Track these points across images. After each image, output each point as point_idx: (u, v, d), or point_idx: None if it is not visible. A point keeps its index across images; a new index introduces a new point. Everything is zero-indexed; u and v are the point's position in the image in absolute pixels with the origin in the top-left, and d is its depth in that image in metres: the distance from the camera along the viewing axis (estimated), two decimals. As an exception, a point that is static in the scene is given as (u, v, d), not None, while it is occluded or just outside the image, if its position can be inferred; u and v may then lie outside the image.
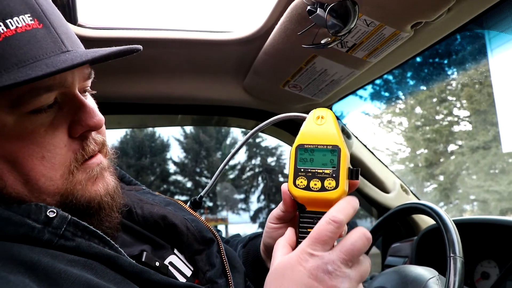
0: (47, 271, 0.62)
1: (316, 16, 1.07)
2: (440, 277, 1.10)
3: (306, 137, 0.77)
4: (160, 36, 1.46)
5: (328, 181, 0.73)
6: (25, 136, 0.69)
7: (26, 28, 0.66)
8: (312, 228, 0.71)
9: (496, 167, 17.31)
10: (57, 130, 0.72)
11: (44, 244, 0.66)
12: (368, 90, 16.29)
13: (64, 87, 0.72)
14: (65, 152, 0.73)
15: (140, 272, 0.73)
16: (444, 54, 15.25)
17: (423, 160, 19.48)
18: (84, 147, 0.76)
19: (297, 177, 0.75)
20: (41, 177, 0.71)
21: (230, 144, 24.68)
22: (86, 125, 0.74)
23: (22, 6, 0.67)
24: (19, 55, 0.65)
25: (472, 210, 18.09)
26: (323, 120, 0.77)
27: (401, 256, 1.88)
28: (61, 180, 0.73)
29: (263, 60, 1.50)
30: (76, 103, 0.75)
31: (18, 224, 0.66)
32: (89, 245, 0.70)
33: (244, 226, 24.53)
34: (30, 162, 0.69)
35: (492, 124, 16.30)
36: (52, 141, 0.71)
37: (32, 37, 0.66)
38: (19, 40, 0.65)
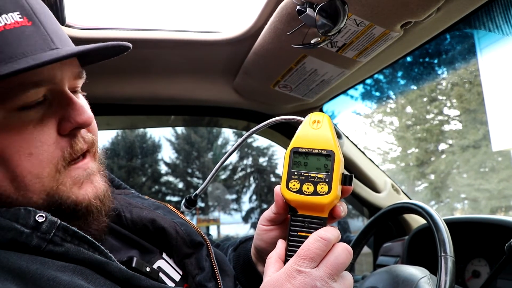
0: (35, 279, 0.61)
1: (306, 16, 1.06)
2: (431, 276, 1.10)
3: (301, 140, 0.76)
4: (149, 36, 1.45)
5: (320, 186, 0.73)
6: (13, 132, 0.69)
7: (15, 25, 0.67)
8: (303, 231, 0.73)
9: (486, 166, 17.45)
10: (45, 126, 0.72)
11: (32, 250, 0.66)
12: (359, 89, 16.34)
13: (53, 83, 0.72)
14: (53, 149, 0.72)
15: (130, 278, 0.72)
16: (434, 54, 15.34)
17: (414, 159, 19.59)
18: (73, 145, 0.75)
19: (290, 180, 0.75)
20: (28, 174, 0.70)
21: (221, 144, 24.66)
22: (75, 122, 0.74)
23: (11, 5, 0.68)
24: (7, 51, 0.65)
25: (463, 209, 18.21)
26: (319, 125, 0.76)
27: (393, 256, 1.88)
28: (47, 178, 0.72)
29: (253, 60, 1.50)
30: (65, 100, 0.74)
31: (5, 228, 0.65)
32: (78, 251, 0.69)
33: (236, 227, 24.51)
34: (17, 158, 0.69)
35: (482, 123, 16.43)
36: (40, 137, 0.71)
37: (21, 33, 0.67)
38: (7, 36, 0.66)
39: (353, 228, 2.47)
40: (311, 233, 0.72)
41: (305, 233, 0.74)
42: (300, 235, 0.74)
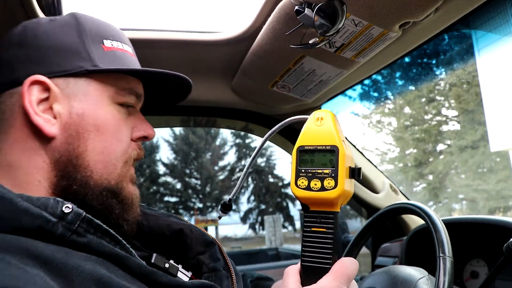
0: (60, 267, 0.65)
1: (304, 16, 1.06)
2: (429, 277, 1.10)
3: (306, 138, 0.78)
4: (147, 36, 1.44)
5: (327, 181, 0.74)
6: (115, 119, 0.88)
7: (130, 53, 0.96)
8: (316, 227, 0.75)
9: (484, 166, 17.49)
10: (127, 127, 0.91)
11: (57, 239, 0.70)
12: (357, 90, 16.37)
13: (139, 100, 0.96)
14: (128, 145, 0.91)
15: (148, 273, 0.78)
16: (432, 54, 15.38)
17: (412, 160, 19.64)
18: (140, 150, 0.94)
19: (298, 178, 0.76)
20: (113, 153, 0.87)
21: (219, 145, 24.67)
22: (146, 133, 0.94)
23: (127, 41, 0.98)
24: (130, 64, 0.93)
25: (461, 209, 18.26)
26: (322, 121, 0.78)
27: (391, 256, 1.88)
28: (120, 164, 0.88)
29: (251, 61, 1.50)
30: (139, 115, 0.96)
31: (34, 216, 0.70)
32: (100, 243, 0.74)
33: (234, 227, 24.54)
34: (111, 138, 0.87)
35: (480, 124, 16.47)
36: (125, 131, 0.90)
37: (133, 59, 0.96)
38: (128, 56, 0.94)
39: (351, 228, 2.47)
40: (324, 227, 0.75)
41: (318, 228, 0.75)
42: (313, 231, 0.75)
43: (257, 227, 24.32)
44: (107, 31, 0.92)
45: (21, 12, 1.19)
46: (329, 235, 0.74)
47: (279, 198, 24.50)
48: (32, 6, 1.17)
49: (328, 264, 0.73)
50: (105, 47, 0.89)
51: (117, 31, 0.95)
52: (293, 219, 24.10)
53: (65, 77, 0.84)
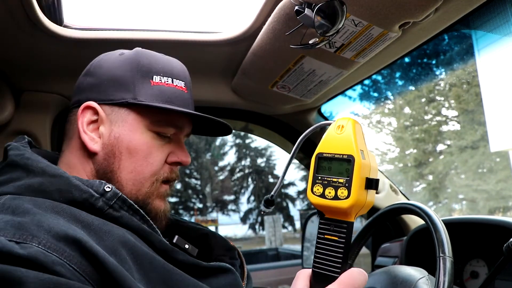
0: (97, 230, 0.83)
1: (304, 16, 1.06)
2: (429, 277, 1.10)
3: (326, 146, 0.78)
4: (147, 37, 1.44)
5: (341, 190, 0.74)
6: (147, 145, 1.02)
7: (181, 88, 1.08)
8: (329, 234, 0.76)
9: (484, 166, 17.49)
10: (162, 152, 1.05)
11: (97, 210, 0.88)
12: (357, 90, 16.36)
13: (180, 131, 1.09)
14: (160, 168, 1.05)
15: (168, 250, 0.93)
16: (432, 54, 15.37)
17: (412, 160, 19.63)
18: (171, 172, 1.08)
19: (315, 185, 0.78)
20: (141, 173, 1.01)
21: (219, 145, 24.67)
22: (179, 158, 1.08)
23: (182, 76, 1.10)
24: (172, 99, 1.05)
25: (461, 209, 18.25)
26: (343, 130, 0.78)
27: (391, 257, 1.88)
28: (149, 182, 1.02)
29: (251, 61, 1.50)
30: (179, 143, 1.10)
31: (83, 190, 0.89)
32: (131, 218, 0.92)
33: (234, 228, 24.51)
34: (141, 160, 1.01)
35: (480, 124, 16.47)
36: (158, 156, 1.04)
37: (181, 94, 1.08)
38: (176, 91, 1.06)
39: (351, 228, 2.46)
40: (336, 236, 0.75)
41: (331, 236, 0.76)
42: (326, 238, 0.76)
43: (257, 227, 24.31)
44: (159, 67, 1.06)
45: (21, 12, 1.19)
46: (341, 244, 0.74)
47: (279, 198, 24.49)
48: (32, 7, 1.17)
49: (336, 273, 0.73)
50: (153, 82, 1.03)
51: (172, 68, 1.09)
52: (293, 219, 24.10)
53: (111, 105, 1.02)
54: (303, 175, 22.69)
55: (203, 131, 1.26)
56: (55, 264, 0.69)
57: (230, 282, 1.01)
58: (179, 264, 0.92)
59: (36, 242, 0.71)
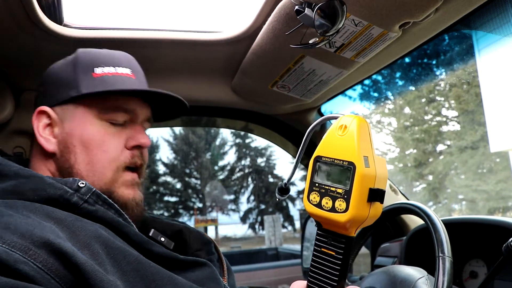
0: (69, 225, 0.83)
1: (304, 16, 1.06)
2: (429, 277, 1.10)
3: (325, 148, 0.70)
4: (147, 36, 1.44)
5: (339, 202, 0.66)
6: (100, 133, 1.04)
7: (126, 74, 1.10)
8: (326, 248, 0.69)
9: (484, 167, 17.48)
10: (119, 138, 1.07)
11: (72, 205, 0.90)
12: (357, 90, 16.34)
13: (133, 115, 1.10)
14: (119, 154, 1.06)
15: (144, 242, 0.94)
16: (432, 55, 15.36)
17: (412, 160, 19.62)
18: (132, 157, 1.08)
19: (311, 192, 0.70)
20: (99, 163, 1.03)
21: (219, 145, 24.66)
22: (138, 141, 1.09)
23: (127, 64, 1.12)
24: (117, 85, 1.06)
25: (460, 210, 18.23)
26: (345, 131, 0.68)
27: (390, 256, 1.88)
28: (110, 172, 1.04)
29: (251, 61, 1.50)
30: (136, 127, 1.11)
31: (57, 188, 0.91)
32: (105, 212, 0.93)
33: (234, 227, 24.51)
34: (96, 150, 1.03)
35: (480, 124, 16.46)
36: (114, 143, 1.06)
37: (128, 79, 1.10)
38: (120, 78, 1.08)
39: (351, 228, 2.46)
40: (333, 251, 0.68)
41: (328, 250, 0.69)
42: (323, 251, 0.69)
43: (257, 227, 24.31)
44: (100, 60, 1.09)
45: (21, 11, 1.19)
46: (338, 260, 0.68)
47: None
48: (32, 6, 1.17)
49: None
50: (95, 74, 1.06)
51: (114, 58, 1.11)
52: (293, 219, 24.09)
53: (61, 105, 1.06)
54: (303, 175, 22.69)
55: (164, 115, 1.29)
56: (18, 263, 0.69)
57: (207, 275, 1.02)
58: (155, 256, 0.93)
59: (0, 242, 0.71)
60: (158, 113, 1.26)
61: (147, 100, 1.15)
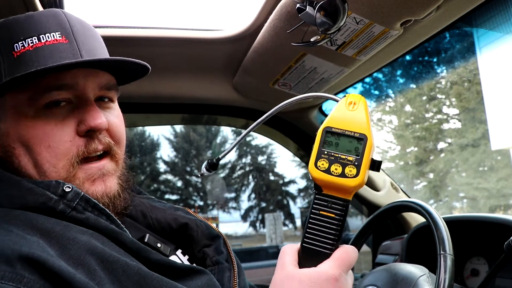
0: (58, 238, 0.73)
1: (306, 14, 1.06)
2: (430, 274, 1.10)
3: (336, 121, 0.75)
4: (149, 34, 1.44)
5: (349, 168, 0.72)
6: (38, 126, 0.84)
7: (53, 42, 0.85)
8: (325, 211, 0.74)
9: (485, 165, 17.47)
10: (65, 125, 0.86)
11: (58, 214, 0.78)
12: (358, 88, 16.33)
13: (76, 90, 0.87)
14: (69, 146, 0.86)
15: (141, 249, 0.83)
16: (434, 52, 15.35)
17: (413, 158, 19.61)
18: (87, 145, 0.87)
19: (319, 159, 0.74)
20: (46, 163, 0.85)
21: (220, 143, 24.67)
22: (88, 125, 0.86)
23: (55, 27, 0.87)
24: (41, 61, 0.83)
25: (461, 207, 18.23)
26: (355, 106, 0.75)
27: (392, 254, 1.89)
28: (63, 170, 0.85)
29: (253, 59, 1.50)
30: (85, 105, 0.88)
31: (38, 194, 0.79)
32: (97, 219, 0.81)
33: (235, 225, 24.52)
34: (39, 148, 0.84)
35: (481, 122, 16.44)
36: (59, 134, 0.85)
37: (56, 49, 0.85)
38: (45, 50, 0.84)
39: (352, 226, 2.47)
40: (333, 213, 0.74)
41: (327, 212, 0.74)
42: (322, 214, 0.74)
43: (258, 225, 24.31)
44: (19, 32, 0.86)
45: (23, 9, 1.19)
46: (338, 221, 0.73)
47: (280, 196, 24.48)
48: (34, 4, 1.17)
49: (330, 250, 0.73)
50: (15, 53, 0.84)
51: (36, 24, 0.87)
52: (294, 217, 24.10)
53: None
54: (304, 173, 22.69)
55: (125, 77, 1.05)
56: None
57: (206, 283, 0.91)
58: (153, 265, 0.83)
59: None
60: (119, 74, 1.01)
61: (96, 65, 0.91)
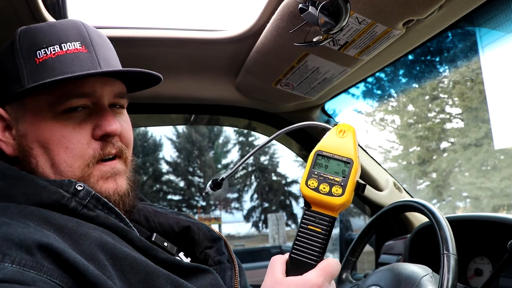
0: (71, 233, 0.78)
1: (308, 14, 1.06)
2: (433, 274, 1.10)
3: (326, 146, 0.84)
4: (151, 34, 1.45)
5: (336, 188, 0.80)
6: (56, 129, 0.90)
7: (74, 51, 0.91)
8: (313, 226, 0.81)
9: (488, 164, 17.43)
10: (82, 129, 0.92)
11: (70, 211, 0.83)
12: (361, 88, 16.32)
13: (94, 97, 0.93)
14: (85, 148, 0.92)
15: (148, 248, 0.87)
16: (436, 52, 15.32)
17: (416, 158, 19.58)
18: (103, 148, 0.94)
19: (310, 178, 0.82)
20: (63, 163, 0.90)
21: (222, 143, 24.69)
22: (104, 130, 0.93)
23: (75, 36, 0.93)
24: (63, 68, 0.89)
25: (464, 207, 18.20)
26: (345, 134, 0.85)
27: (395, 254, 1.88)
28: (78, 169, 0.91)
29: (255, 59, 1.50)
30: (101, 111, 0.94)
31: (52, 192, 0.84)
32: (107, 217, 0.86)
33: (237, 225, 24.54)
34: (57, 149, 0.90)
35: (484, 121, 16.41)
36: (77, 137, 0.91)
37: (76, 57, 0.91)
38: (66, 58, 0.90)
39: (355, 226, 2.46)
40: (320, 228, 0.81)
41: (315, 227, 0.81)
42: (309, 228, 0.81)
43: (260, 225, 24.33)
44: (41, 39, 0.91)
45: (26, 10, 1.19)
46: (323, 236, 0.81)
47: (282, 196, 24.49)
48: (36, 4, 1.18)
49: (315, 261, 0.80)
50: (38, 60, 0.90)
51: (58, 33, 0.93)
52: (296, 217, 24.09)
53: (10, 104, 0.94)
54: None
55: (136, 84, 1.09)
56: (36, 281, 0.65)
57: (211, 282, 0.96)
58: (160, 263, 0.87)
59: (8, 261, 0.66)
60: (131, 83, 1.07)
61: (111, 74, 0.97)
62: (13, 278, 0.64)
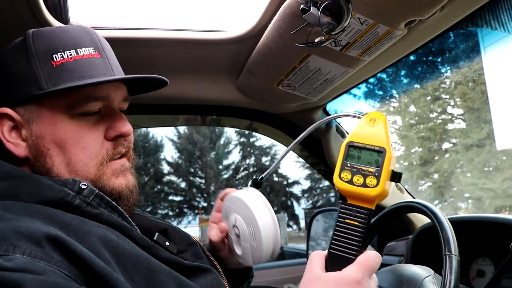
0: (75, 230, 0.79)
1: (310, 15, 1.06)
2: (436, 275, 1.10)
3: (357, 136, 0.82)
4: (152, 35, 1.45)
5: (370, 179, 0.79)
6: (74, 130, 0.94)
7: (89, 56, 0.96)
8: (350, 219, 0.80)
9: (490, 165, 17.39)
10: (97, 131, 0.97)
11: (74, 209, 0.86)
12: (362, 88, 16.33)
13: (107, 101, 0.99)
14: (100, 148, 0.97)
15: (150, 247, 0.90)
16: (438, 52, 15.32)
17: (418, 158, 19.55)
18: (115, 148, 1.00)
19: (343, 171, 0.81)
20: (79, 162, 0.95)
21: (224, 144, 24.69)
22: (118, 131, 0.99)
23: (89, 42, 0.98)
24: (82, 72, 0.93)
25: (466, 208, 18.16)
26: (375, 123, 0.83)
27: (397, 255, 1.88)
28: (93, 168, 0.96)
29: (257, 59, 1.50)
30: (114, 114, 1.00)
31: (57, 190, 0.86)
32: (110, 215, 0.89)
33: (239, 226, 24.50)
34: (74, 149, 0.94)
35: (486, 122, 16.38)
36: (92, 137, 0.96)
37: (92, 62, 0.96)
38: (83, 62, 0.95)
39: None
40: (357, 221, 0.80)
41: (352, 220, 0.80)
42: (346, 222, 0.80)
43: (262, 226, 24.27)
44: (57, 44, 0.95)
45: (27, 11, 1.19)
46: (361, 229, 0.79)
47: (284, 197, 24.49)
48: (38, 6, 1.18)
49: (354, 255, 0.79)
50: (54, 63, 0.93)
51: (72, 38, 0.97)
52: (298, 218, 24.06)
53: (23, 105, 0.95)
54: (308, 174, 22.67)
55: (140, 88, 1.14)
56: (46, 271, 0.67)
57: (212, 282, 0.98)
58: (162, 262, 0.89)
59: (19, 252, 0.68)
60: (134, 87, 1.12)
61: (127, 80, 1.04)
62: (24, 268, 0.65)
